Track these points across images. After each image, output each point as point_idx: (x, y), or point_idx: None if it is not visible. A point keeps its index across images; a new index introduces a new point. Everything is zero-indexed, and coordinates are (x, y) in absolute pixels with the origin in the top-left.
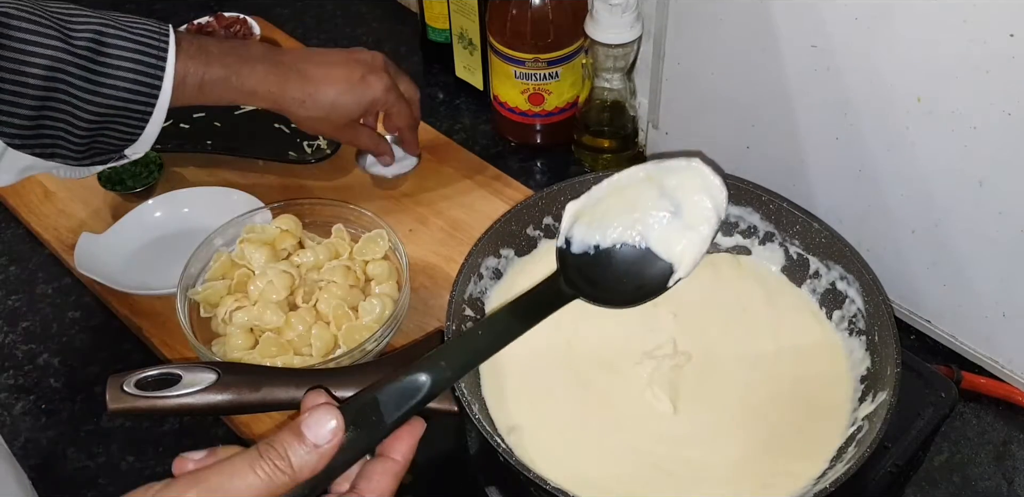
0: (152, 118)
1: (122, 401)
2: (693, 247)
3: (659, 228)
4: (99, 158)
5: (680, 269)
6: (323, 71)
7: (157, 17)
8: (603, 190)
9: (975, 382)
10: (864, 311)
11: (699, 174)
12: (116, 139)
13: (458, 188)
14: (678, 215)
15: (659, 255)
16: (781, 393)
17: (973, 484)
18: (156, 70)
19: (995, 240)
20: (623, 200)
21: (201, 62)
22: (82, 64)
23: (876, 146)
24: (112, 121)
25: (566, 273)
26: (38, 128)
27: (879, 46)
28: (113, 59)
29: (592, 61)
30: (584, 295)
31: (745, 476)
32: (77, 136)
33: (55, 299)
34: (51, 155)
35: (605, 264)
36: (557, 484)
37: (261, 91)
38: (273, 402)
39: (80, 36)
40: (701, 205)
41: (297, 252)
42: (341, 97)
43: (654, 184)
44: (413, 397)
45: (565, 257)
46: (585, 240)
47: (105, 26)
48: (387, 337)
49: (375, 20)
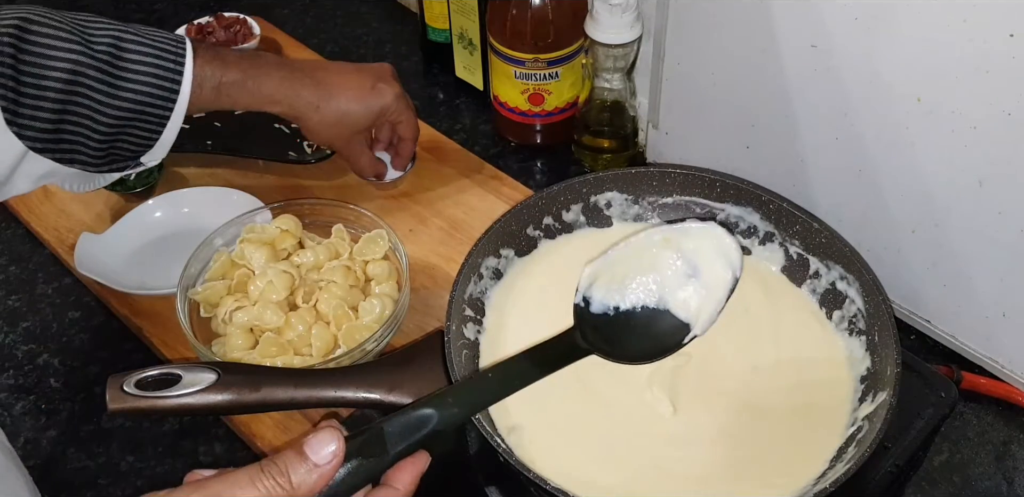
0: (169, 123)
1: (122, 401)
2: (710, 307)
3: (678, 290)
4: (117, 164)
5: (696, 328)
6: (336, 78)
7: (157, 17)
8: (621, 252)
9: (975, 382)
10: (864, 311)
11: (715, 237)
12: (134, 145)
13: (458, 188)
14: (696, 277)
15: (677, 316)
16: (781, 393)
17: (973, 484)
18: (174, 75)
19: (995, 240)
20: (642, 263)
21: (218, 67)
22: (102, 68)
23: (876, 146)
24: (131, 126)
25: (583, 330)
26: (59, 132)
27: (879, 46)
28: (132, 64)
29: (592, 61)
30: (599, 351)
31: (745, 476)
32: (96, 141)
33: (55, 299)
34: (71, 161)
35: (624, 324)
36: (557, 484)
37: (277, 95)
38: (273, 402)
39: (100, 41)
40: (718, 268)
41: (297, 252)
42: (353, 103)
43: (672, 247)
44: (419, 430)
45: (583, 315)
46: (605, 301)
47: (124, 33)
48: (387, 337)
49: (375, 20)
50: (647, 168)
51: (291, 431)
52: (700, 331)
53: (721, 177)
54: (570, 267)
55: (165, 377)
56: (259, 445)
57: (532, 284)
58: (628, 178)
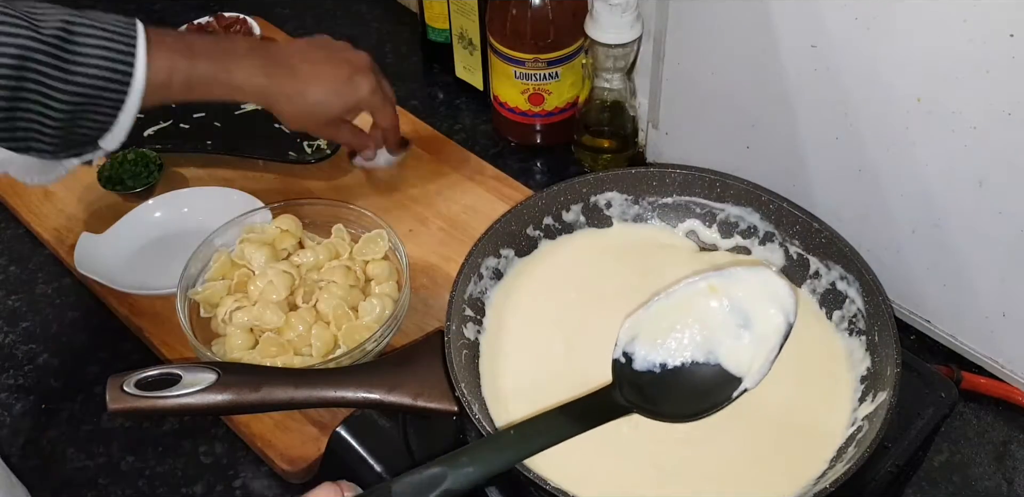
0: (125, 106)
1: (122, 401)
2: (762, 357)
3: (729, 344)
4: (73, 150)
5: (748, 381)
6: (311, 68)
7: (157, 17)
8: (664, 303)
9: (975, 382)
10: (864, 311)
11: (765, 280)
12: (90, 129)
13: (458, 188)
14: (748, 328)
15: (728, 369)
16: (781, 393)
17: (973, 484)
18: (126, 56)
19: (995, 240)
20: (688, 314)
21: (186, 57)
22: (51, 52)
23: (876, 146)
24: (86, 110)
25: (621, 387)
26: (11, 120)
27: (879, 46)
28: (82, 47)
29: (592, 61)
30: (642, 410)
31: (745, 476)
32: (51, 127)
33: (55, 299)
34: (26, 148)
35: (670, 382)
36: (557, 484)
37: (249, 86)
38: (273, 402)
39: (48, 26)
40: (771, 314)
41: (297, 252)
42: (328, 96)
43: (719, 294)
44: (429, 491)
45: (624, 372)
46: (650, 358)
47: (72, 16)
48: (387, 337)
49: (375, 20)
50: (647, 168)
51: (291, 431)
52: (752, 384)
53: (721, 177)
54: (570, 267)
55: (165, 377)
56: (259, 445)
57: (532, 284)
58: (628, 178)
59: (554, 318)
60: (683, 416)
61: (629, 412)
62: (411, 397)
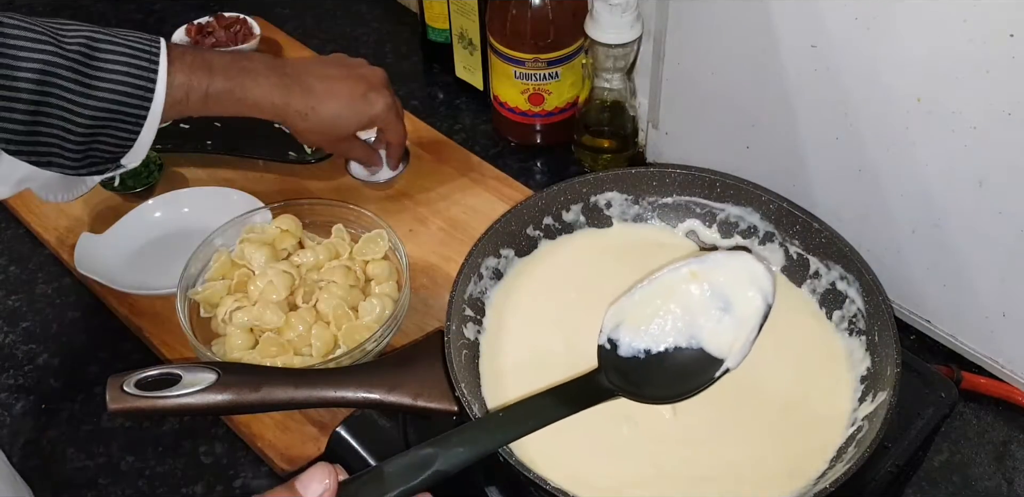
0: (147, 123)
1: (122, 401)
2: (743, 339)
3: (711, 327)
4: (95, 167)
5: (730, 361)
6: (326, 85)
7: (157, 17)
8: (647, 290)
9: (975, 382)
10: (864, 311)
11: (745, 265)
12: (112, 145)
13: (458, 188)
14: (728, 311)
15: (710, 352)
16: (781, 393)
17: (973, 484)
18: (148, 73)
19: (995, 240)
20: (670, 300)
21: (204, 74)
22: (75, 68)
23: (876, 146)
24: (107, 126)
25: (607, 371)
26: (34, 134)
27: (879, 46)
28: (105, 63)
29: (592, 61)
30: (627, 393)
31: (744, 476)
32: (73, 142)
33: (55, 299)
34: (48, 163)
35: (654, 366)
36: (557, 484)
37: (265, 104)
38: (273, 402)
39: (72, 41)
40: (750, 297)
41: (297, 252)
42: (343, 113)
43: (700, 280)
44: (421, 471)
45: (609, 358)
46: (635, 345)
47: (96, 33)
48: (387, 337)
49: (375, 20)
50: (647, 168)
51: (291, 431)
52: (734, 365)
53: (721, 177)
54: (570, 267)
55: (165, 377)
56: (259, 445)
57: (532, 284)
58: (628, 178)
59: (554, 318)
60: (668, 398)
61: (615, 395)
62: (411, 397)
